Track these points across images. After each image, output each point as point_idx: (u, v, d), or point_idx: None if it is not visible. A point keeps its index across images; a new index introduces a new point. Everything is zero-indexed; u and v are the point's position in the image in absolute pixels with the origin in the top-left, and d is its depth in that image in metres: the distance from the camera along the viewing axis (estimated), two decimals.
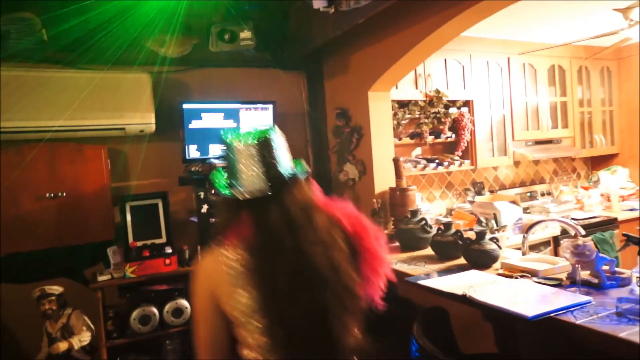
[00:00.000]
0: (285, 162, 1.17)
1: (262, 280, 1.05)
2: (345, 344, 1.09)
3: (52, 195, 2.76)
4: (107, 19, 2.80)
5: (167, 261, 2.76)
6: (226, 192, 1.14)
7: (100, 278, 2.66)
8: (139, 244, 2.82)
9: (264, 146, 1.15)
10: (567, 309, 1.52)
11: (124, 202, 2.90)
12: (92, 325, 2.63)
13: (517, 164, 4.35)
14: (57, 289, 2.56)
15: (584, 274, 1.81)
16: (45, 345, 2.53)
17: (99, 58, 2.84)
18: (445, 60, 3.68)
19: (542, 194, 4.47)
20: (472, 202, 3.92)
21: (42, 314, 2.52)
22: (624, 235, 1.76)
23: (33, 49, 2.67)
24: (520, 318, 1.52)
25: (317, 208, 1.16)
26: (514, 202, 3.75)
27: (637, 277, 1.66)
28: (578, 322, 1.43)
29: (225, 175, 1.19)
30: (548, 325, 1.48)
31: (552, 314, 1.49)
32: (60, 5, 2.68)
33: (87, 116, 2.80)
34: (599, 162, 4.77)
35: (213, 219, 1.48)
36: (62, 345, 2.47)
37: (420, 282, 2.04)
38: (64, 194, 2.78)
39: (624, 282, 1.73)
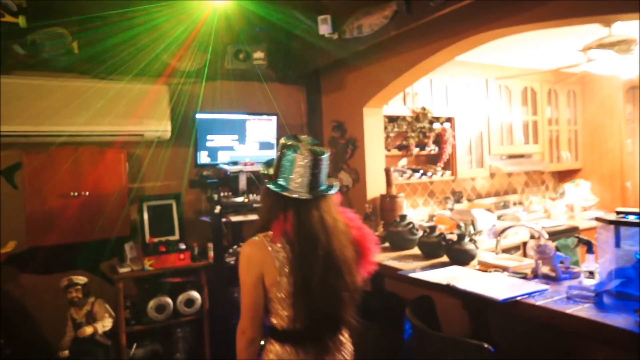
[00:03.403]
0: (324, 178, 1.54)
1: (301, 269, 1.42)
2: (345, 318, 1.52)
3: (76, 194, 3.01)
4: (130, 35, 3.10)
5: (181, 256, 3.05)
6: (274, 186, 1.48)
7: (122, 270, 2.93)
8: (155, 240, 3.10)
9: (316, 162, 1.49)
10: (529, 294, 1.91)
11: (141, 202, 3.18)
12: (112, 313, 2.89)
13: (492, 175, 4.79)
14: (82, 279, 2.82)
15: (545, 269, 2.21)
16: (70, 330, 2.78)
17: (123, 70, 3.12)
18: (430, 80, 4.09)
19: (514, 204, 4.93)
20: (451, 210, 4.33)
21: (69, 302, 2.78)
22: (575, 237, 2.17)
23: (64, 60, 2.94)
24: (492, 301, 1.90)
25: (339, 217, 1.55)
26: (489, 210, 4.18)
27: (584, 271, 2.07)
28: (537, 303, 1.81)
29: (276, 172, 1.51)
30: (514, 306, 1.86)
31: (517, 298, 1.88)
32: (90, 22, 2.96)
33: (110, 122, 3.07)
34: (564, 176, 5.28)
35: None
36: (88, 330, 2.73)
37: (412, 275, 2.40)
38: (87, 193, 3.04)
39: (575, 276, 2.14)
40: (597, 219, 1.96)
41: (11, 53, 2.85)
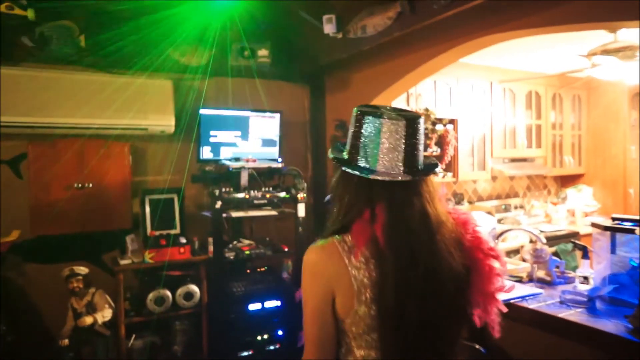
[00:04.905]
0: (421, 153, 1.03)
1: (391, 295, 0.93)
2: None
3: (80, 185, 3.05)
4: (137, 29, 3.13)
5: (182, 250, 3.09)
6: (353, 169, 1.00)
7: (122, 262, 2.97)
8: (156, 233, 3.14)
9: (412, 128, 0.99)
10: (523, 297, 1.93)
11: (143, 195, 3.21)
12: (112, 304, 2.94)
13: (494, 178, 4.79)
14: (83, 270, 2.86)
15: (540, 273, 2.23)
16: (71, 319, 2.83)
17: (128, 64, 3.16)
18: (434, 82, 4.10)
19: (516, 207, 4.93)
20: None
21: (70, 291, 2.82)
22: (571, 242, 2.19)
23: (70, 53, 2.97)
24: None
25: (447, 213, 1.04)
26: (489, 213, 4.19)
27: (579, 276, 2.08)
28: (530, 306, 1.83)
29: (353, 151, 1.03)
30: (507, 309, 1.87)
31: (510, 301, 1.89)
32: (97, 17, 3.00)
33: (115, 116, 3.10)
34: (567, 181, 5.27)
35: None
36: (88, 319, 2.77)
37: None
38: (91, 184, 3.08)
39: (570, 281, 2.15)
40: (593, 225, 1.97)
41: (19, 45, 2.89)
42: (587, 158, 5.15)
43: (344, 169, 1.03)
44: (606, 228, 1.87)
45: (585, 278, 2.11)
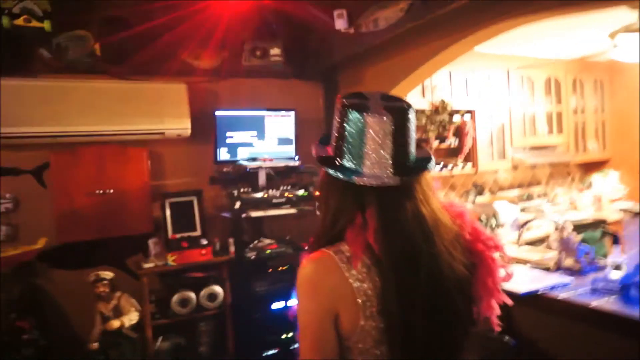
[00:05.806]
0: (413, 148, 0.96)
1: (394, 308, 0.87)
2: None
3: (101, 191, 3.10)
4: (150, 35, 3.16)
5: (203, 252, 3.11)
6: (336, 172, 0.93)
7: (146, 265, 3.01)
8: (177, 236, 3.17)
9: (400, 124, 0.91)
10: (551, 287, 1.87)
11: (163, 199, 3.25)
12: (138, 307, 2.98)
13: (515, 167, 4.69)
14: (109, 274, 2.91)
15: (568, 262, 2.16)
16: (99, 323, 2.88)
17: (143, 70, 3.19)
18: (450, 72, 4.03)
19: (539, 196, 4.82)
20: (473, 203, 4.27)
21: (97, 296, 2.87)
22: (601, 227, 2.12)
23: (87, 62, 3.02)
24: (513, 294, 1.87)
25: (443, 209, 0.98)
26: (512, 202, 4.10)
27: (610, 263, 2.01)
28: (559, 297, 1.78)
29: (337, 150, 0.96)
30: (536, 299, 1.83)
31: (539, 291, 1.85)
32: (110, 24, 3.04)
33: (132, 122, 3.14)
34: (591, 168, 5.12)
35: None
36: (115, 323, 2.82)
37: None
38: (112, 190, 3.13)
39: (601, 268, 2.09)
40: (624, 211, 1.90)
41: (38, 57, 2.95)
42: (613, 142, 4.99)
43: (327, 170, 0.95)
44: (637, 214, 1.80)
45: (617, 265, 2.04)
